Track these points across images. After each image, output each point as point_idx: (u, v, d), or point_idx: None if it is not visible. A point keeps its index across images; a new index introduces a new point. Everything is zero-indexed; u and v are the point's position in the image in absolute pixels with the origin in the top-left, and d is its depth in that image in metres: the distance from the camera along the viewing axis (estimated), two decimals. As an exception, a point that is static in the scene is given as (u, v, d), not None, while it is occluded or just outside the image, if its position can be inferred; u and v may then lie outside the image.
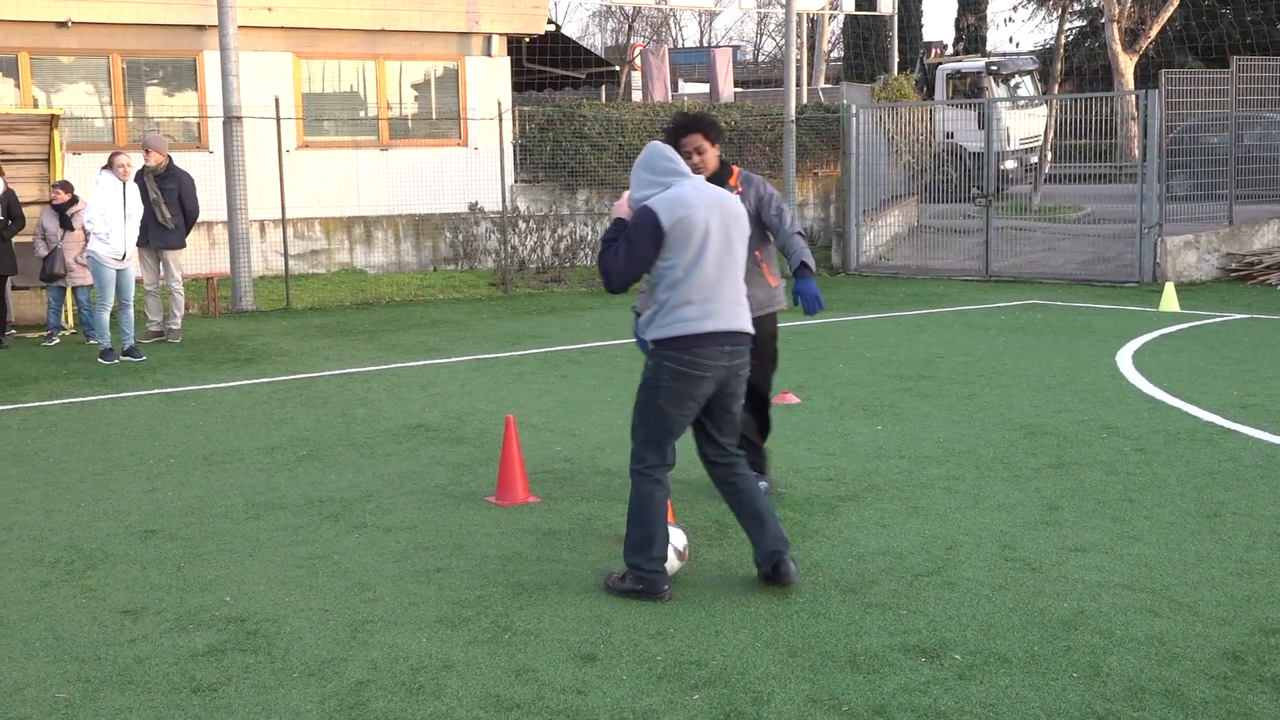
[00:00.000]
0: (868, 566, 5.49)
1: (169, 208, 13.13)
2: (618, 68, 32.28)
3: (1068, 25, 32.43)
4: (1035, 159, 23.53)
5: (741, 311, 5.17)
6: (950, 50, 35.43)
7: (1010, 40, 62.99)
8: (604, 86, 32.53)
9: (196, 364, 11.80)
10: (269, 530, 6.24)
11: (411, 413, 9.23)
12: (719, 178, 6.44)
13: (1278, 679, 4.23)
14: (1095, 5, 35.05)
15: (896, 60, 30.57)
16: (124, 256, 11.94)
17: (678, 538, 5.32)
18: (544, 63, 24.78)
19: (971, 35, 38.18)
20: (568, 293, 18.13)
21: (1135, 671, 4.31)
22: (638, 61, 32.27)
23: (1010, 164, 22.74)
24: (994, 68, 25.42)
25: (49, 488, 7.20)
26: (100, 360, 11.80)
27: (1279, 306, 14.74)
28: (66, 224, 13.22)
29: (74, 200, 13.38)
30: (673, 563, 5.23)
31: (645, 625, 4.83)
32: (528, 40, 21.75)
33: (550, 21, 21.78)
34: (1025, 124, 24.11)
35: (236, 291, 16.28)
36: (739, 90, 32.80)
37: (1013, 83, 25.78)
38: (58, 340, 13.41)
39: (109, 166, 11.94)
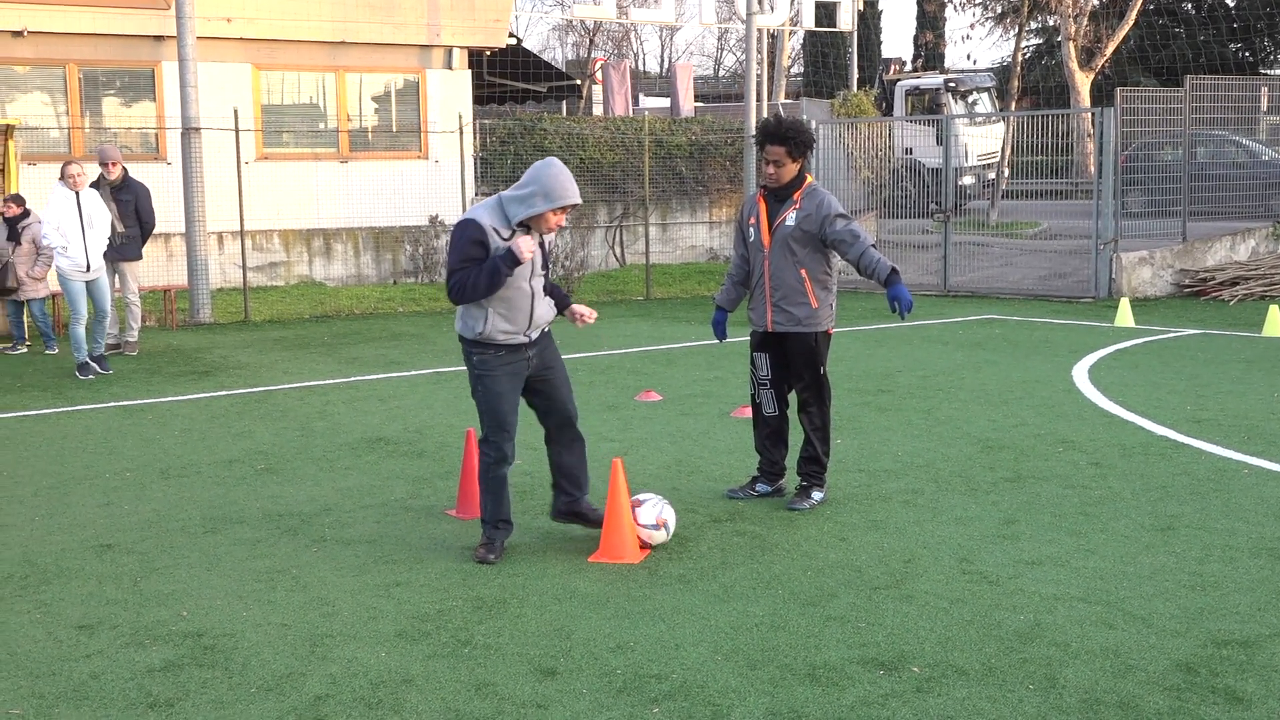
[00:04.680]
0: (827, 580, 5.52)
1: (125, 220, 12.99)
2: (579, 82, 32.32)
3: (1025, 43, 32.79)
4: (993, 175, 23.76)
5: None
6: (909, 67, 35.68)
7: (968, 57, 63.43)
8: (565, 101, 32.58)
9: (153, 377, 11.70)
10: (227, 544, 6.20)
11: (371, 426, 9.19)
12: (786, 189, 6.60)
13: (1229, 690, 4.28)
14: (1052, 24, 35.46)
15: (856, 76, 30.80)
16: (88, 267, 11.77)
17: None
18: (505, 76, 24.76)
19: (930, 52, 38.52)
20: (528, 306, 18.08)
21: (1090, 683, 4.36)
22: (599, 76, 32.33)
23: (968, 180, 22.96)
24: (952, 84, 25.67)
25: (2, 501, 7.12)
26: (77, 375, 11.62)
27: (1231, 322, 14.94)
28: (15, 238, 13.10)
29: (26, 214, 13.24)
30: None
31: (605, 639, 4.83)
32: (489, 54, 21.74)
33: (511, 35, 21.78)
34: (983, 140, 24.35)
35: (194, 304, 16.16)
36: (699, 105, 32.93)
37: (970, 99, 26.05)
38: (23, 349, 13.34)
39: (61, 178, 11.82)
